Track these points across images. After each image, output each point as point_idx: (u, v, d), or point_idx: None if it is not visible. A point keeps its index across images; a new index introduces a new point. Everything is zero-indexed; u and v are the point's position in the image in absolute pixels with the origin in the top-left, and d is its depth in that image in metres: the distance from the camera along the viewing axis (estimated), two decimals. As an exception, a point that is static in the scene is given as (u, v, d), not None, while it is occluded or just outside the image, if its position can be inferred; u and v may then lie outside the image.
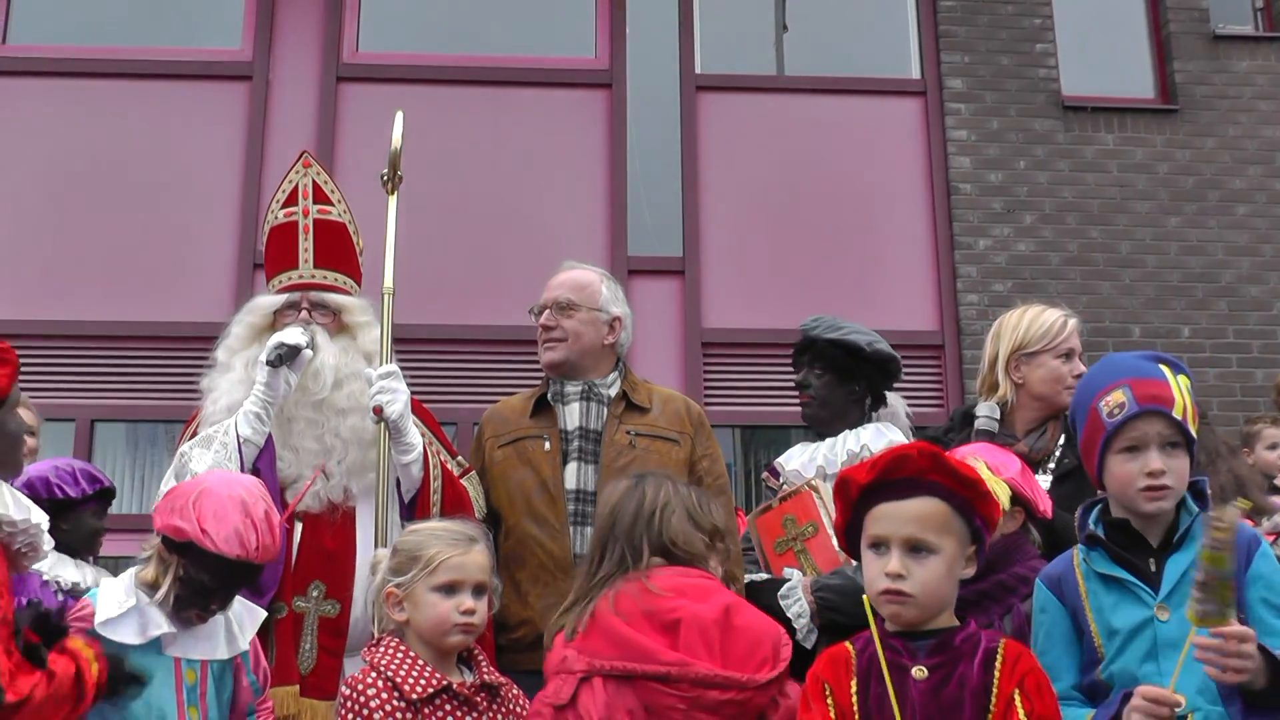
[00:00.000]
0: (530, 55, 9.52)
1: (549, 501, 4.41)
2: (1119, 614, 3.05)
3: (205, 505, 3.39)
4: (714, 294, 8.92)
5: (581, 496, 4.40)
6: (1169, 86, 9.74)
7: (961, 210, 9.25)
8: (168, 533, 3.41)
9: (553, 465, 4.47)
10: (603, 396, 4.58)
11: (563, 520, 4.37)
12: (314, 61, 9.31)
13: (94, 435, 8.50)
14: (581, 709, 3.17)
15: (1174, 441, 3.10)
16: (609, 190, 9.14)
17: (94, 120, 9.08)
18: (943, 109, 9.49)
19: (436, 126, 9.07)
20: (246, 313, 4.64)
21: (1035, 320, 4.66)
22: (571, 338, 4.66)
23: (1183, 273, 9.27)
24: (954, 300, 9.08)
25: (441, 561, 3.41)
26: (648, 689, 3.14)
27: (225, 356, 4.54)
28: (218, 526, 3.37)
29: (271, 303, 4.58)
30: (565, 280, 4.79)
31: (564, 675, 3.25)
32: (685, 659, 3.15)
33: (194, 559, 3.38)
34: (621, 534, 3.41)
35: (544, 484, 4.44)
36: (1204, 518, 2.82)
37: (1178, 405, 3.11)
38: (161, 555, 3.43)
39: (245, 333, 4.55)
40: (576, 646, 3.28)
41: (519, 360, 8.50)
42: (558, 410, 4.59)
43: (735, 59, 9.64)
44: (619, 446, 4.44)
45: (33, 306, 8.64)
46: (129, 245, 8.70)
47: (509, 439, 4.62)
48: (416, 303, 8.62)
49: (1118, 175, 9.43)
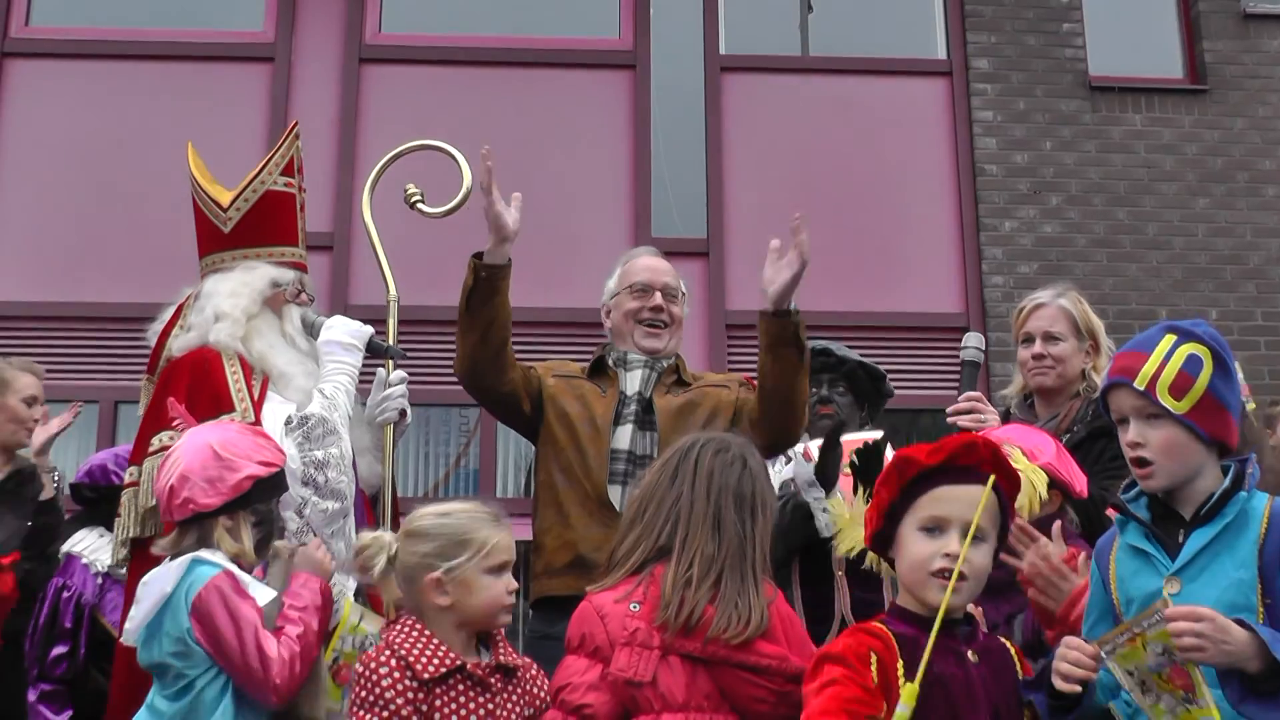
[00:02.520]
0: (554, 36, 9.50)
1: (594, 437, 4.42)
2: (1135, 583, 3.02)
3: (229, 450, 3.49)
4: (738, 276, 8.88)
5: (632, 458, 4.38)
6: (1198, 66, 9.66)
7: (987, 192, 9.20)
8: (229, 496, 3.46)
9: (605, 407, 4.48)
10: (660, 368, 4.61)
11: (603, 460, 4.38)
12: (336, 43, 9.30)
13: (117, 417, 8.52)
14: (663, 688, 3.09)
15: (1155, 413, 3.02)
16: (633, 172, 9.12)
17: (116, 102, 9.09)
18: (968, 89, 9.43)
19: (458, 108, 9.04)
20: (259, 278, 4.42)
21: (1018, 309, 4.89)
22: (676, 324, 4.71)
23: (1211, 255, 9.20)
24: (979, 282, 9.04)
25: (494, 544, 3.41)
26: (734, 677, 3.10)
27: (234, 288, 4.38)
28: (256, 452, 3.52)
29: (284, 277, 4.45)
30: (666, 267, 4.82)
31: (639, 649, 3.13)
32: (784, 653, 3.11)
33: (259, 494, 3.51)
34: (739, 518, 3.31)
35: (592, 419, 4.45)
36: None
37: (1142, 375, 3.02)
38: (224, 525, 3.46)
39: (254, 295, 4.37)
40: (645, 619, 3.17)
41: (541, 341, 8.49)
42: (620, 375, 4.60)
43: (760, 39, 9.59)
44: (668, 404, 4.47)
45: (56, 289, 8.68)
46: (151, 227, 8.69)
47: (563, 374, 4.65)
48: (437, 284, 8.62)
49: (1145, 156, 9.36)
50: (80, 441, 8.51)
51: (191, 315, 4.32)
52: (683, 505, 3.29)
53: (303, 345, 4.38)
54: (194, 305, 4.35)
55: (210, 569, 3.38)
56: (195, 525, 3.46)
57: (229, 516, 3.46)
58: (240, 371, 4.16)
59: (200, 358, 4.17)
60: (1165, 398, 3.01)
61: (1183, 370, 3.01)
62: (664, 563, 3.24)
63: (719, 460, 3.34)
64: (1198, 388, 2.99)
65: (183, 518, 3.45)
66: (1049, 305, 4.73)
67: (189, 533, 3.46)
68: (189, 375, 4.13)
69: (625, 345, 4.66)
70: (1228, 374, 3.04)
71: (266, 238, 4.48)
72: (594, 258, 8.80)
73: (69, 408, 5.53)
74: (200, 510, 3.43)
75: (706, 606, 3.12)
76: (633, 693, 3.10)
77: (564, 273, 8.80)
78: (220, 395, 4.07)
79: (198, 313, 4.30)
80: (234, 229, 4.43)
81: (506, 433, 8.49)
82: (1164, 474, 3.02)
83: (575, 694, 3.17)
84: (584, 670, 3.20)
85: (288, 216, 4.54)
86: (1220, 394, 3.01)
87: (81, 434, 8.44)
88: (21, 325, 8.57)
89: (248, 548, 3.49)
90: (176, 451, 3.52)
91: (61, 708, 4.87)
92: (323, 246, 8.65)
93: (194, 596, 3.32)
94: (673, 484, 3.34)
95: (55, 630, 4.95)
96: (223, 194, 4.46)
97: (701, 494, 3.29)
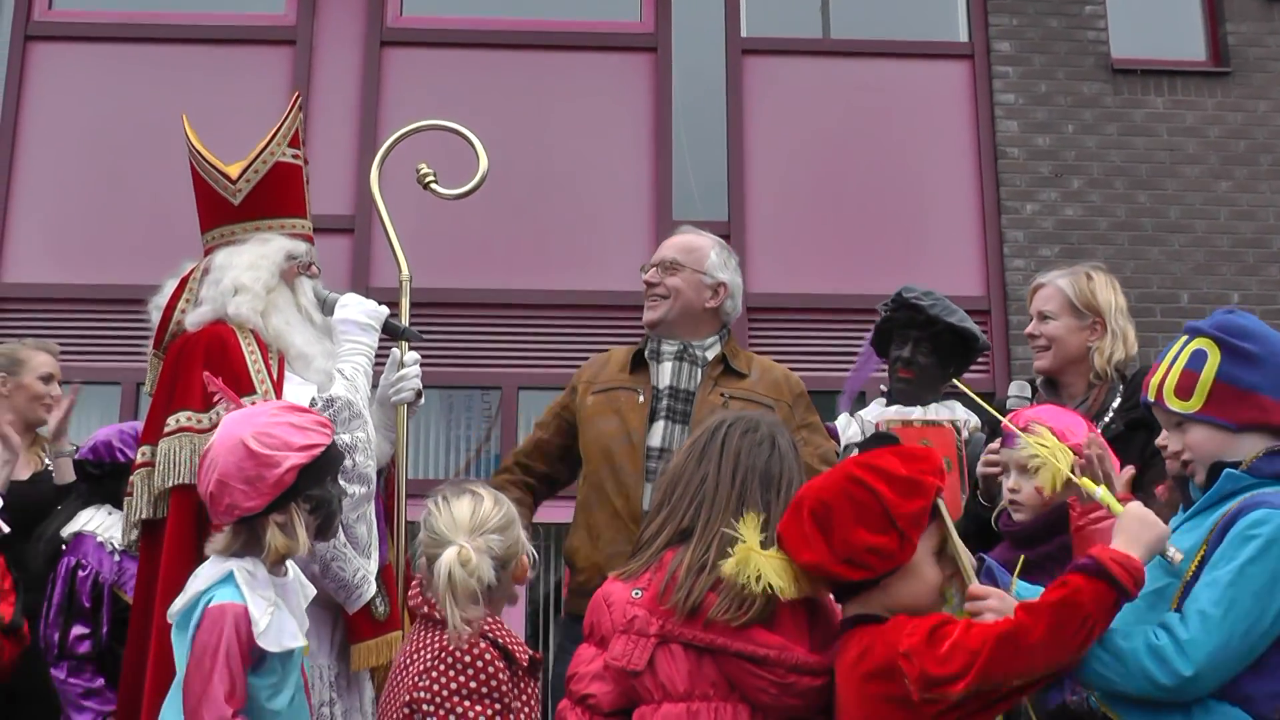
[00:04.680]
0: (575, 19, 9.48)
1: (629, 452, 4.43)
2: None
3: (265, 444, 3.29)
4: (760, 259, 8.87)
5: (665, 455, 4.37)
6: (1221, 48, 9.61)
7: (1009, 174, 9.17)
8: (272, 496, 3.28)
9: (640, 419, 4.49)
10: (698, 358, 4.59)
11: (639, 473, 4.39)
12: (357, 25, 9.29)
13: (139, 398, 8.55)
14: (663, 676, 3.02)
15: (1176, 420, 3.08)
16: (654, 155, 9.11)
17: (138, 86, 9.10)
18: (990, 72, 9.40)
19: (480, 91, 9.04)
20: (275, 250, 4.30)
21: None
22: (673, 295, 4.67)
23: (1233, 238, 9.17)
24: (1000, 265, 9.02)
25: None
26: (736, 666, 3.01)
27: (252, 260, 4.25)
28: (295, 437, 3.34)
29: (298, 249, 4.34)
30: (675, 241, 4.83)
31: (634, 637, 3.09)
32: (785, 643, 3.02)
33: (308, 482, 3.33)
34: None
35: (628, 435, 4.46)
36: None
37: (1152, 386, 3.12)
38: (276, 522, 3.31)
39: (272, 268, 4.25)
40: (646, 606, 3.11)
41: (564, 325, 8.53)
42: (652, 367, 4.61)
43: (781, 22, 9.57)
44: (712, 406, 4.41)
45: (79, 271, 8.71)
46: (174, 210, 8.67)
47: (603, 387, 4.66)
48: (461, 267, 8.65)
49: (1167, 139, 9.32)
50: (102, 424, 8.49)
51: (203, 289, 4.18)
52: (707, 487, 3.21)
53: (317, 320, 4.30)
54: (203, 279, 4.21)
55: (234, 595, 3.22)
56: (243, 526, 3.31)
57: (280, 512, 3.30)
58: (257, 349, 4.04)
59: (214, 335, 4.04)
60: (1173, 401, 3.05)
61: (1186, 369, 3.05)
62: (675, 548, 3.17)
63: (746, 440, 3.26)
64: (1204, 381, 3.01)
65: (230, 521, 3.31)
66: (1047, 285, 4.71)
67: (239, 534, 3.32)
68: (203, 355, 3.98)
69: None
70: (1244, 357, 3.02)
71: (278, 209, 4.35)
72: (615, 241, 8.83)
73: (70, 389, 5.53)
74: (245, 514, 3.27)
75: (708, 594, 3.04)
76: (632, 682, 3.06)
77: (585, 256, 8.82)
78: (240, 376, 3.93)
79: (211, 285, 4.15)
80: (244, 200, 4.29)
81: (528, 417, 8.53)
82: (1203, 470, 3.06)
83: (581, 684, 3.16)
84: (590, 659, 3.19)
85: (296, 188, 4.44)
86: (1236, 379, 3.01)
87: (104, 416, 8.47)
88: (44, 307, 8.60)
89: (301, 541, 3.31)
90: (212, 450, 3.34)
91: (93, 677, 4.89)
92: (343, 229, 8.68)
93: (206, 607, 3.20)
94: (699, 465, 3.26)
95: (73, 610, 4.95)
96: (227, 166, 4.37)
97: (727, 475, 3.21)
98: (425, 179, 4.96)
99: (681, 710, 3.01)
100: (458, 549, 3.30)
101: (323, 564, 3.86)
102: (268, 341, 4.11)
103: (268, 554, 3.30)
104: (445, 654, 3.25)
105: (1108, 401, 4.48)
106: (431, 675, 3.24)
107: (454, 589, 3.26)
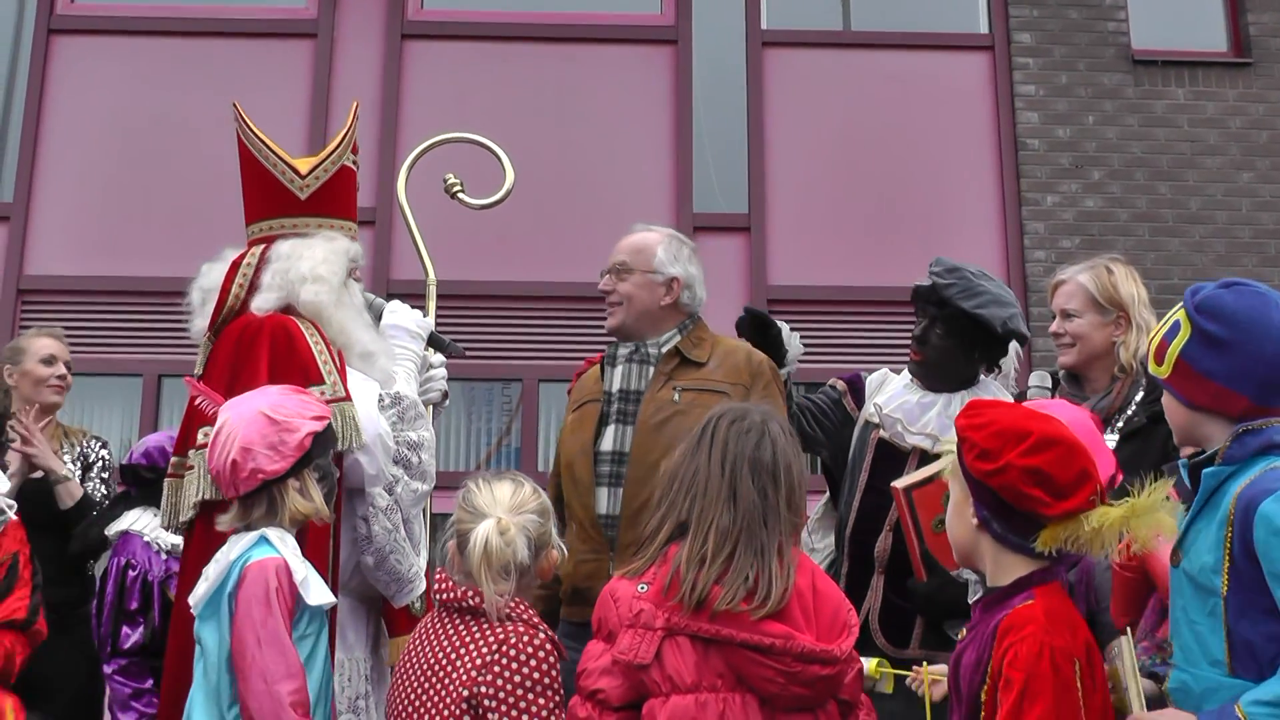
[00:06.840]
0: (596, 11, 9.49)
1: (584, 461, 4.51)
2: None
3: (282, 412, 3.44)
4: (780, 251, 8.89)
5: (616, 458, 4.44)
6: (1242, 39, 9.57)
7: (1029, 166, 9.16)
8: (295, 457, 3.40)
9: (594, 427, 4.55)
10: (649, 356, 4.60)
11: (590, 478, 4.46)
12: (378, 18, 9.32)
13: (161, 390, 8.59)
14: (670, 669, 3.04)
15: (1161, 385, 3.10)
16: (674, 147, 9.12)
17: (160, 78, 9.14)
18: (1011, 63, 9.38)
19: (500, 85, 9.07)
20: (341, 250, 4.27)
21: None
22: (626, 301, 4.69)
23: (1254, 229, 9.14)
24: (1020, 257, 9.01)
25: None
26: (742, 657, 3.03)
27: (325, 255, 4.22)
28: (305, 408, 3.49)
29: (356, 251, 4.34)
30: (624, 244, 4.83)
31: (640, 631, 3.10)
32: (790, 632, 3.04)
33: (318, 449, 3.47)
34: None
35: (583, 446, 4.54)
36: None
37: (1147, 348, 3.13)
38: (294, 487, 3.42)
39: (342, 265, 4.23)
40: (651, 600, 3.13)
41: (584, 317, 8.52)
42: (607, 373, 4.64)
43: (801, 14, 9.56)
44: (659, 403, 4.45)
45: (100, 263, 8.75)
46: (194, 203, 8.74)
47: (576, 404, 4.74)
48: (481, 259, 8.67)
49: (1188, 130, 9.29)
50: (124, 416, 8.60)
51: (265, 275, 4.10)
52: (699, 479, 3.26)
53: (369, 322, 4.31)
54: (263, 265, 4.13)
55: (270, 551, 3.33)
56: (264, 494, 3.39)
57: (296, 477, 3.42)
58: (321, 341, 4.00)
59: (279, 325, 3.96)
60: (1152, 364, 3.04)
61: (1163, 336, 3.01)
62: (678, 542, 3.21)
63: (734, 430, 3.29)
64: (1171, 352, 2.97)
65: (252, 489, 3.38)
66: (1068, 281, 4.66)
67: (257, 503, 3.40)
68: (269, 346, 3.91)
69: None
70: (1208, 342, 2.93)
71: (339, 210, 4.35)
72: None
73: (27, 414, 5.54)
74: (269, 477, 3.37)
75: (713, 586, 3.07)
76: (640, 676, 3.07)
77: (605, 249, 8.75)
78: (308, 365, 3.89)
79: (279, 273, 4.09)
80: (311, 196, 4.26)
81: (549, 409, 8.56)
82: (1177, 437, 3.09)
83: (590, 679, 3.17)
84: (599, 655, 3.19)
85: (352, 192, 4.47)
86: (1195, 362, 2.94)
87: (126, 408, 8.54)
88: (66, 299, 8.65)
89: (319, 504, 3.45)
90: (225, 427, 3.43)
91: (141, 677, 4.93)
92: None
93: (245, 566, 3.29)
94: (692, 459, 3.31)
95: (122, 611, 4.98)
96: (295, 160, 4.36)
97: (717, 465, 3.25)
98: (453, 189, 5.00)
99: (690, 702, 3.02)
100: (496, 520, 3.34)
101: (379, 556, 3.91)
102: (330, 335, 4.08)
103: (287, 518, 3.42)
104: (507, 647, 3.25)
105: (1131, 395, 4.44)
106: (494, 670, 3.22)
107: (489, 559, 3.30)
